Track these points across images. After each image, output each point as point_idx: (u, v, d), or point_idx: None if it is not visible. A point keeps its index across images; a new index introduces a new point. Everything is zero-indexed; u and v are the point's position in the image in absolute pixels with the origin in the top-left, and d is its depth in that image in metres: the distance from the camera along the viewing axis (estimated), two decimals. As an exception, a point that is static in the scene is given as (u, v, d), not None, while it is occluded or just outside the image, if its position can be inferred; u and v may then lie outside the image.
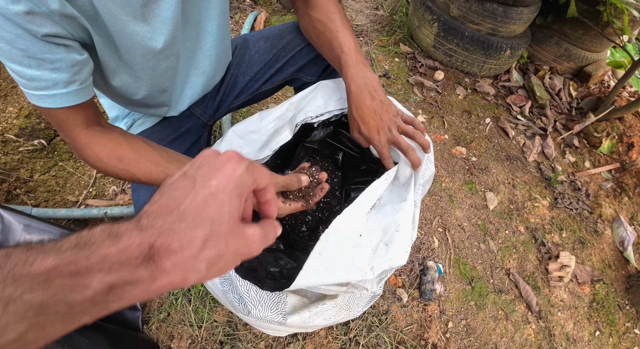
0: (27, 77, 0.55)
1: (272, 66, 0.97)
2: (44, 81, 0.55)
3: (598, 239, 1.68)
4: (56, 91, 0.57)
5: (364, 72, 0.74)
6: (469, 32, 2.06)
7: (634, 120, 1.97)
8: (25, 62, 0.53)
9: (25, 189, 1.32)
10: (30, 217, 1.06)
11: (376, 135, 0.73)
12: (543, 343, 1.37)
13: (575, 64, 2.32)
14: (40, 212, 1.23)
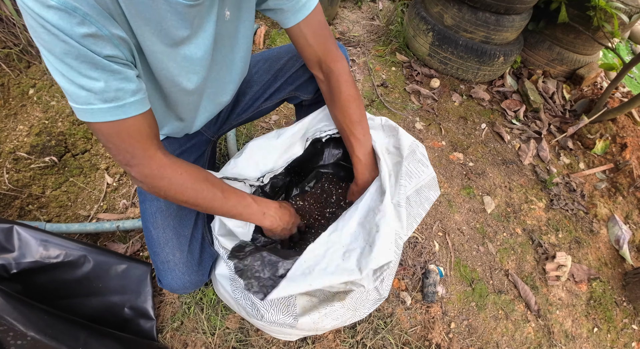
0: (97, 89, 0.56)
1: (271, 86, 1.06)
2: (113, 91, 0.58)
3: (594, 239, 1.73)
4: (126, 100, 0.60)
5: (368, 175, 0.98)
6: (463, 40, 2.12)
7: (627, 121, 2.01)
8: (94, 75, 0.55)
9: (37, 205, 1.38)
10: (45, 232, 1.11)
11: None
12: (543, 340, 1.42)
13: (567, 67, 2.36)
14: (54, 227, 1.27)
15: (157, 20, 0.61)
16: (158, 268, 0.92)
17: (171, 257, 0.90)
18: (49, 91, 1.55)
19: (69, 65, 0.54)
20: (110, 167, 1.52)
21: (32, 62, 1.57)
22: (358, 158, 0.96)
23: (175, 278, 0.91)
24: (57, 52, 0.52)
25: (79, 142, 1.53)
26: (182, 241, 0.92)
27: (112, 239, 1.37)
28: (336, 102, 0.94)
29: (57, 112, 1.53)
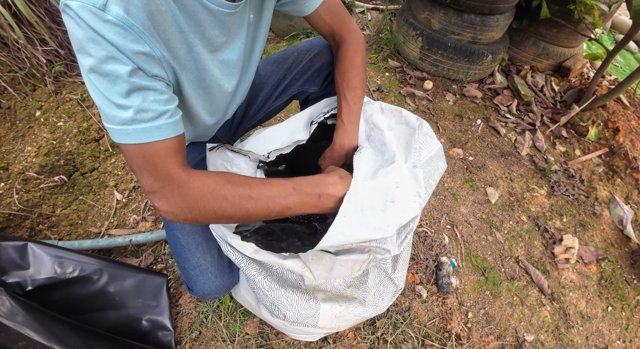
0: (136, 108, 0.54)
1: (280, 84, 1.09)
2: (151, 111, 0.56)
3: (597, 221, 1.74)
4: (162, 121, 0.58)
5: (346, 141, 0.93)
6: (452, 42, 2.17)
7: (616, 106, 2.06)
8: (135, 95, 0.54)
9: (48, 224, 1.37)
10: (60, 248, 1.10)
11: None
12: (559, 322, 1.41)
13: (554, 61, 2.42)
14: (66, 244, 1.26)
15: (202, 31, 0.64)
16: (189, 274, 0.90)
17: (202, 261, 0.89)
18: (55, 112, 1.56)
19: (112, 83, 0.52)
20: (119, 183, 1.52)
21: (37, 85, 1.59)
22: (342, 122, 0.92)
23: (208, 282, 0.89)
24: (104, 68, 0.51)
25: (87, 160, 1.53)
26: (211, 245, 0.92)
27: (125, 254, 1.36)
28: (340, 67, 0.94)
29: (65, 133, 1.54)
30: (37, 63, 1.55)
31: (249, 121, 1.13)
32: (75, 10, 0.48)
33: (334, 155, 0.94)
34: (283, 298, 0.90)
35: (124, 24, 0.50)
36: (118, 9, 0.49)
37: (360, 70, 0.94)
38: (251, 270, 0.90)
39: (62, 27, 1.68)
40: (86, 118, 1.60)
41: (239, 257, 0.90)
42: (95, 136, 1.59)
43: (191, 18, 0.62)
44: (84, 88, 1.68)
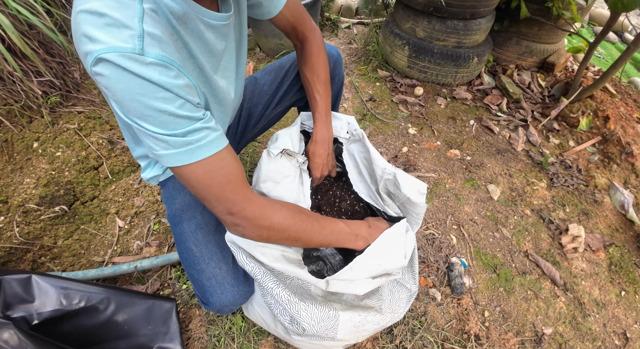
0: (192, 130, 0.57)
1: (278, 91, 1.11)
2: (205, 129, 0.59)
3: (600, 208, 1.73)
4: (216, 133, 0.62)
5: (326, 132, 1.00)
6: (437, 48, 2.20)
7: (604, 95, 2.08)
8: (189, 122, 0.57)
9: (50, 256, 1.33)
10: (64, 279, 1.06)
11: (316, 172, 1.02)
12: (576, 312, 1.38)
13: (538, 58, 2.46)
14: (70, 275, 1.22)
15: (209, 49, 0.67)
16: (204, 286, 0.88)
17: (218, 271, 0.88)
18: (53, 143, 1.54)
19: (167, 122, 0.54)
20: (120, 210, 1.49)
21: (34, 117, 1.57)
22: (319, 114, 0.98)
23: (225, 292, 0.87)
24: (156, 108, 0.52)
25: (87, 189, 1.51)
26: (226, 254, 0.90)
27: (130, 281, 1.32)
28: (307, 63, 0.98)
29: (63, 162, 1.52)
30: (32, 95, 1.54)
31: (252, 130, 1.13)
32: (113, 61, 0.48)
33: (318, 148, 0.98)
34: (302, 312, 0.87)
35: (164, 62, 0.51)
36: (155, 49, 0.50)
37: (326, 66, 0.99)
38: (269, 282, 0.87)
39: (56, 59, 1.68)
40: (84, 147, 1.58)
41: (256, 269, 0.87)
42: (94, 164, 1.56)
43: (199, 40, 0.64)
44: (80, 117, 1.66)
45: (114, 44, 0.48)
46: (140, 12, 0.50)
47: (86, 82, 1.82)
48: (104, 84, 0.51)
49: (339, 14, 3.06)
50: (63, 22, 1.82)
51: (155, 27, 0.52)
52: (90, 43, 0.49)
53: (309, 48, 0.97)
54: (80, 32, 0.50)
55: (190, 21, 0.61)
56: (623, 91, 2.23)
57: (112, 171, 1.57)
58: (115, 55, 0.48)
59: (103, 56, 0.48)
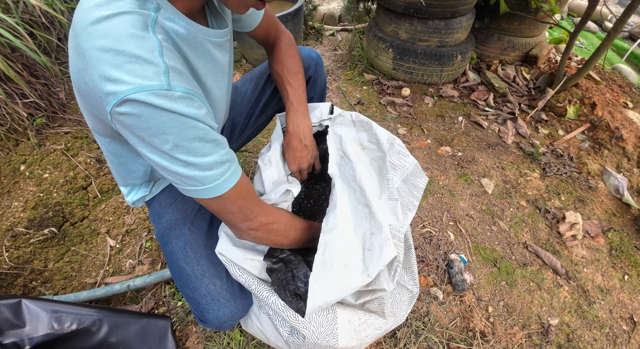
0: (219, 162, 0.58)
1: (261, 99, 1.08)
2: (228, 162, 0.60)
3: (595, 194, 1.70)
4: (235, 162, 0.63)
5: (299, 121, 0.93)
6: (421, 49, 2.20)
7: (589, 83, 2.07)
8: (215, 150, 0.57)
9: (41, 280, 1.29)
10: (55, 302, 1.02)
11: (292, 165, 0.97)
12: (580, 300, 1.34)
13: (520, 52, 2.46)
14: (61, 298, 1.19)
15: (215, 64, 0.69)
16: (199, 304, 0.84)
17: (212, 287, 0.84)
18: (40, 165, 1.50)
19: (197, 149, 0.54)
20: (111, 229, 1.45)
21: (20, 140, 1.54)
22: (291, 103, 0.93)
23: (221, 307, 0.83)
24: (188, 138, 0.53)
25: (76, 210, 1.46)
26: (218, 269, 0.87)
27: (124, 301, 1.27)
28: (276, 57, 0.96)
29: (51, 184, 1.48)
30: (18, 117, 1.51)
31: (237, 140, 1.09)
32: (143, 100, 0.47)
33: (293, 138, 0.93)
34: (300, 317, 0.83)
35: (189, 94, 0.52)
36: (181, 83, 0.51)
37: (297, 59, 0.96)
38: (263, 291, 0.83)
39: (40, 80, 1.65)
40: (72, 167, 1.54)
41: (249, 280, 0.84)
42: (82, 184, 1.52)
43: (209, 60, 0.66)
44: (67, 138, 1.63)
45: (141, 84, 0.47)
46: (158, 45, 0.50)
47: (72, 102, 1.79)
48: (130, 123, 0.50)
49: (323, 22, 3.06)
50: (47, 44, 1.80)
51: (174, 60, 0.52)
52: (112, 84, 0.47)
53: (279, 46, 0.96)
54: (97, 73, 0.47)
55: (200, 44, 0.62)
56: (608, 78, 2.23)
57: (101, 189, 1.53)
58: (145, 94, 0.47)
59: (131, 97, 0.47)
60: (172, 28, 0.57)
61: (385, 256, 0.76)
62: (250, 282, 0.84)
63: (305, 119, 0.94)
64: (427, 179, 0.98)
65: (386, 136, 0.95)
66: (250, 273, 0.85)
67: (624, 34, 3.62)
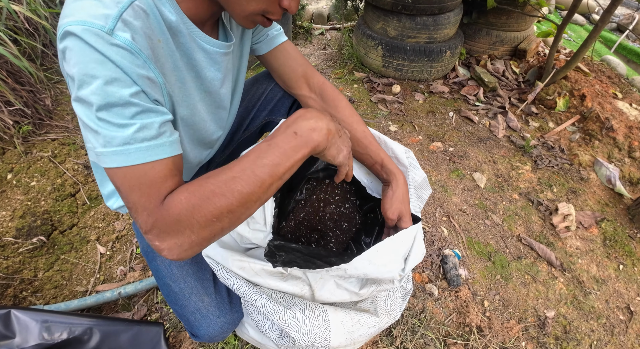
0: (139, 126, 0.49)
1: (245, 117, 1.02)
2: (153, 129, 0.51)
3: (587, 185, 1.69)
4: (165, 139, 0.52)
5: (404, 188, 0.84)
6: (410, 45, 2.18)
7: (578, 75, 2.06)
8: (136, 114, 0.49)
9: (31, 289, 1.26)
10: (45, 312, 1.00)
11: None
12: (576, 292, 1.33)
13: (509, 46, 2.45)
14: (52, 308, 1.17)
15: (197, 70, 0.65)
16: (189, 321, 0.81)
17: (201, 305, 0.81)
18: (27, 173, 1.47)
19: (115, 104, 0.48)
20: (101, 236, 1.41)
21: (6, 148, 1.50)
22: (394, 175, 0.84)
23: (211, 324, 0.81)
24: (108, 88, 0.47)
25: (64, 217, 1.43)
26: (206, 285, 0.83)
27: (116, 309, 1.24)
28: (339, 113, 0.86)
29: (39, 192, 1.44)
30: (3, 126, 1.47)
31: (219, 156, 1.05)
32: (79, 34, 0.45)
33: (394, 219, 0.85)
34: (290, 320, 0.81)
35: (131, 48, 0.48)
36: (125, 34, 0.48)
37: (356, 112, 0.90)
38: (252, 294, 0.80)
39: (26, 87, 1.61)
40: (59, 174, 1.51)
41: (237, 283, 0.81)
42: (70, 191, 1.49)
43: (187, 56, 0.62)
44: (54, 145, 1.59)
45: (83, 19, 0.46)
46: (128, 2, 0.49)
47: (58, 108, 1.75)
48: (65, 58, 0.48)
49: (311, 22, 3.04)
50: (31, 50, 1.76)
51: (136, 19, 0.50)
52: (64, 17, 0.48)
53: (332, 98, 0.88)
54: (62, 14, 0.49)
55: (182, 36, 0.60)
56: (596, 69, 2.22)
57: (89, 196, 1.50)
58: (82, 28, 0.45)
59: (69, 29, 0.46)
60: (160, 10, 0.55)
61: (418, 258, 0.82)
62: (238, 285, 0.81)
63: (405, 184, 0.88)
64: (431, 190, 1.03)
65: (403, 150, 0.95)
66: (239, 275, 0.83)
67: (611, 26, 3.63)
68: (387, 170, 0.85)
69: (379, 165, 0.86)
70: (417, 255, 0.82)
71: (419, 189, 1.00)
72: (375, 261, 0.77)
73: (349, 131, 0.85)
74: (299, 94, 0.90)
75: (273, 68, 0.89)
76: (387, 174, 0.85)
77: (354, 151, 0.88)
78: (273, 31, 0.84)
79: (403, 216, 0.83)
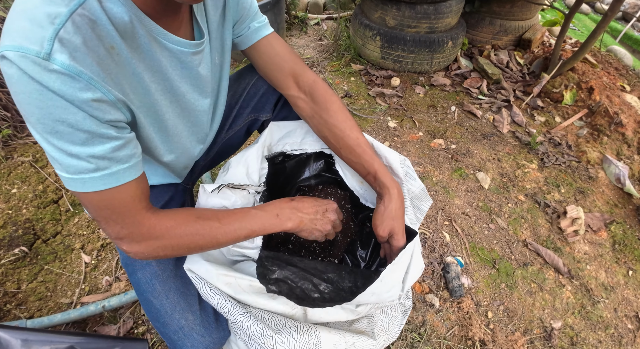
0: (91, 156, 0.49)
1: (229, 115, 0.94)
2: (107, 159, 0.51)
3: (595, 184, 1.60)
4: (120, 166, 0.53)
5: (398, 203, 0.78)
6: (410, 36, 2.06)
7: (585, 66, 1.95)
8: (89, 142, 0.48)
9: (15, 302, 1.20)
10: (27, 330, 0.94)
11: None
12: (584, 300, 1.26)
13: (513, 36, 2.33)
14: (35, 323, 1.11)
15: (161, 73, 0.59)
16: (172, 340, 0.75)
17: (184, 322, 0.75)
18: (7, 179, 1.39)
19: (62, 133, 0.47)
20: (86, 244, 1.34)
21: (-19, 156, 1.41)
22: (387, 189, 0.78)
23: (195, 343, 0.75)
24: (53, 118, 0.45)
25: (47, 225, 1.35)
26: (190, 301, 0.77)
27: (102, 322, 1.18)
28: (331, 117, 0.80)
29: (20, 199, 1.36)
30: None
31: (204, 158, 0.96)
32: (16, 62, 0.42)
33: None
34: (278, 345, 0.74)
35: (70, 72, 0.44)
36: (63, 56, 0.44)
37: (352, 118, 0.83)
38: (238, 315, 0.74)
39: (5, 89, 1.52)
40: (41, 180, 1.43)
41: (222, 301, 0.75)
42: (53, 197, 1.41)
43: (148, 59, 0.56)
44: (36, 148, 1.50)
45: (20, 43, 0.42)
46: (66, 14, 0.44)
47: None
48: (6, 82, 0.45)
49: (307, 11, 2.91)
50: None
51: (76, 35, 0.44)
52: (3, 36, 0.44)
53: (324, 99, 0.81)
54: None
55: (139, 37, 0.53)
56: (604, 60, 2.11)
57: (73, 202, 1.42)
58: (17, 55, 0.42)
59: (4, 53, 0.42)
60: (109, 12, 0.48)
61: (417, 274, 0.78)
62: (223, 304, 0.75)
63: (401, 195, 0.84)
64: (432, 201, 0.95)
65: (398, 159, 0.88)
66: (224, 293, 0.76)
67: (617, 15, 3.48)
68: (380, 183, 0.78)
69: (372, 176, 0.80)
70: (415, 271, 0.77)
71: (416, 201, 0.93)
72: (379, 291, 0.72)
73: (341, 137, 0.80)
74: (288, 94, 0.84)
75: (258, 65, 0.82)
76: (380, 187, 0.79)
77: (346, 159, 0.83)
78: (255, 23, 0.76)
79: (395, 233, 0.78)
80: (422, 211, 0.94)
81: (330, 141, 0.83)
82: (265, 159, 0.91)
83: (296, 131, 0.96)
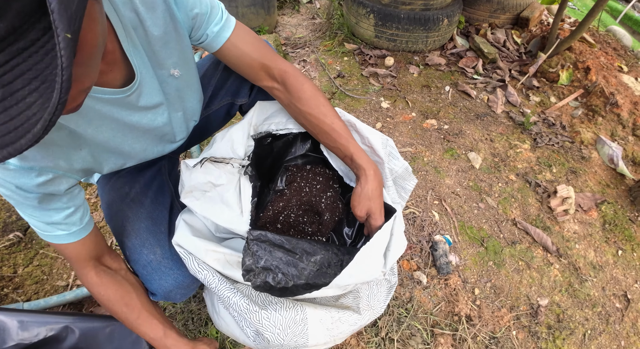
0: (42, 223, 0.63)
1: (206, 91, 0.93)
2: (63, 224, 0.64)
3: (588, 164, 1.60)
4: (74, 228, 0.65)
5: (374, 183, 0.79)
6: (404, 13, 2.02)
7: (582, 46, 1.92)
8: (46, 215, 0.62)
9: (12, 286, 1.23)
10: (23, 311, 0.96)
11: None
12: (571, 279, 1.27)
13: (511, 14, 2.28)
14: (32, 305, 1.16)
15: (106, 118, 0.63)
16: (143, 276, 0.80)
17: (152, 257, 0.79)
18: None
19: (30, 211, 0.60)
20: (80, 224, 1.35)
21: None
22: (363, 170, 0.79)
23: (163, 276, 0.79)
24: (19, 202, 0.59)
25: (38, 207, 1.36)
26: (160, 237, 0.82)
27: (97, 302, 1.20)
28: (304, 105, 0.80)
29: (7, 182, 1.36)
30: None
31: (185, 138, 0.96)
32: None
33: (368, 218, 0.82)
34: (264, 321, 0.76)
35: (22, 168, 0.54)
36: (14, 159, 0.53)
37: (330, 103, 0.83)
38: (225, 290, 0.75)
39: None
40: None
41: (209, 276, 0.76)
42: (42, 180, 1.41)
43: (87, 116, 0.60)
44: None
45: None
46: None
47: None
48: None
49: (301, -10, 2.83)
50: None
51: None
52: None
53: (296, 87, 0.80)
54: None
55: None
56: (602, 40, 2.07)
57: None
58: None
59: None
60: None
61: (399, 251, 0.78)
62: (210, 280, 0.76)
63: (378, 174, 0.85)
64: (416, 181, 0.95)
65: (380, 139, 0.88)
66: (212, 268, 0.77)
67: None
68: (357, 165, 0.79)
69: (348, 159, 0.81)
70: (397, 249, 0.78)
71: (400, 180, 0.94)
72: (356, 273, 0.72)
73: (316, 124, 0.81)
74: (263, 85, 0.84)
75: (230, 65, 0.81)
76: (356, 169, 0.80)
77: (325, 143, 0.85)
78: (212, 27, 0.71)
79: (372, 213, 0.80)
80: (407, 190, 0.94)
81: (308, 127, 0.85)
82: (251, 138, 0.90)
83: (282, 111, 0.95)
